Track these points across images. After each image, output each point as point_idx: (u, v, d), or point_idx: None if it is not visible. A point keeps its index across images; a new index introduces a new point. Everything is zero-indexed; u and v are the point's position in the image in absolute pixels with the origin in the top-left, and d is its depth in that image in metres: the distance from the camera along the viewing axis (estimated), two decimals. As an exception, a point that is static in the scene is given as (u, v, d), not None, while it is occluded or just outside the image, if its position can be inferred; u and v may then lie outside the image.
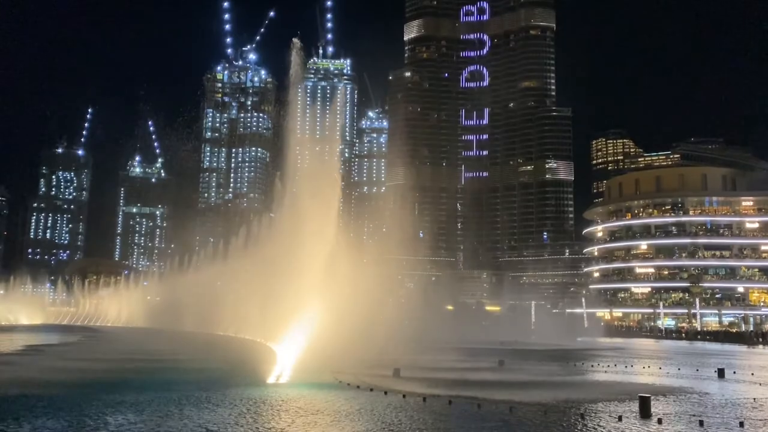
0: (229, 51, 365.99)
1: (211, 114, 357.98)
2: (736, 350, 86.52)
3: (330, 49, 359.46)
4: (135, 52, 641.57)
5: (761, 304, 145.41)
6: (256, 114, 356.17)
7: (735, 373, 45.74)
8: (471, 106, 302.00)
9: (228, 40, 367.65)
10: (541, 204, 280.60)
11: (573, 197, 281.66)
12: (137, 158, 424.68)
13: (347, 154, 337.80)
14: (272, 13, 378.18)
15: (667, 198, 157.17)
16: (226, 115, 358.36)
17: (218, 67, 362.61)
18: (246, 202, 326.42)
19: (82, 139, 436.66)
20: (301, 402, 26.20)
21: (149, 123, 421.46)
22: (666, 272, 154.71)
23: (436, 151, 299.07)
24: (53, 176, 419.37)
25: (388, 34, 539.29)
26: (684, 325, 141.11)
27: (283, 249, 46.54)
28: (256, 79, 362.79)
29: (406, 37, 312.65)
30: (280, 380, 32.42)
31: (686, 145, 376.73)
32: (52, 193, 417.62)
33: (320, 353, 36.70)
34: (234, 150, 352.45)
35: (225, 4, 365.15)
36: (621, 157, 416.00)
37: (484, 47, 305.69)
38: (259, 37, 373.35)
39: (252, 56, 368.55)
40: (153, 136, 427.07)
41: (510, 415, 23.79)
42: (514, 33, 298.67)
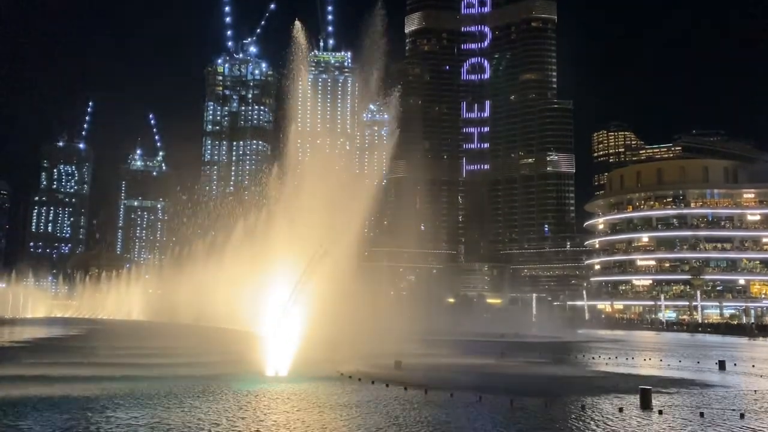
0: (230, 44, 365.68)
1: (212, 107, 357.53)
2: (737, 342, 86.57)
3: (331, 41, 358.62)
4: (136, 45, 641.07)
5: (762, 296, 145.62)
6: (257, 107, 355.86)
7: (736, 365, 45.85)
8: (472, 99, 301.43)
9: (229, 32, 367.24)
10: (543, 196, 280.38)
11: (574, 190, 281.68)
12: (138, 151, 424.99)
13: (348, 147, 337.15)
14: (273, 6, 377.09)
15: (669, 190, 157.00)
16: (227, 108, 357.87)
17: (219, 60, 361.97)
18: (247, 194, 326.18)
19: (83, 133, 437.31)
20: (302, 395, 26.20)
21: (150, 116, 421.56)
22: (667, 264, 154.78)
23: (438, 144, 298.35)
24: (54, 170, 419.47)
25: (389, 26, 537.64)
26: (685, 317, 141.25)
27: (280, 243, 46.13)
28: (256, 71, 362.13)
29: (407, 30, 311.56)
30: (279, 373, 32.44)
31: (687, 137, 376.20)
32: (54, 186, 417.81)
33: (321, 346, 36.72)
34: (235, 143, 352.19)
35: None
36: (622, 150, 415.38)
37: (485, 39, 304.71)
38: (259, 30, 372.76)
39: (253, 49, 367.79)
40: (154, 129, 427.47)
41: (511, 407, 23.83)
42: (515, 25, 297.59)
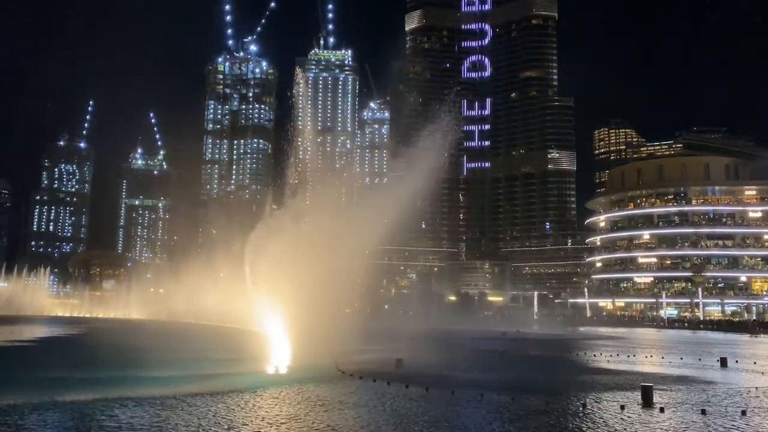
0: (230, 42, 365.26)
1: (212, 105, 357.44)
2: (739, 339, 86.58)
3: (331, 39, 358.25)
4: (136, 43, 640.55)
5: (764, 293, 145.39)
6: (257, 105, 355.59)
7: (737, 362, 45.84)
8: (473, 97, 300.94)
9: (229, 31, 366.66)
10: (544, 194, 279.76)
11: (575, 187, 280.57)
12: (139, 150, 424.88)
13: (349, 145, 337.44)
14: (273, 4, 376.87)
15: (670, 188, 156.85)
16: (227, 106, 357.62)
17: (219, 59, 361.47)
18: (248, 193, 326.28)
19: (83, 132, 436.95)
20: (304, 392, 26.21)
21: (151, 115, 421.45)
22: (668, 262, 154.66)
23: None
24: (55, 169, 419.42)
25: (389, 24, 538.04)
26: (686, 314, 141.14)
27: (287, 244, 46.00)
28: (257, 70, 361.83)
29: (407, 28, 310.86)
30: (280, 371, 32.45)
31: (689, 134, 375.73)
32: (55, 185, 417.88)
33: (321, 344, 36.74)
34: (236, 142, 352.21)
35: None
36: (623, 147, 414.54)
37: (486, 37, 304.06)
38: (260, 29, 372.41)
39: (253, 47, 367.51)
40: (155, 128, 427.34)
41: (512, 404, 23.85)
42: (515, 22, 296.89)
